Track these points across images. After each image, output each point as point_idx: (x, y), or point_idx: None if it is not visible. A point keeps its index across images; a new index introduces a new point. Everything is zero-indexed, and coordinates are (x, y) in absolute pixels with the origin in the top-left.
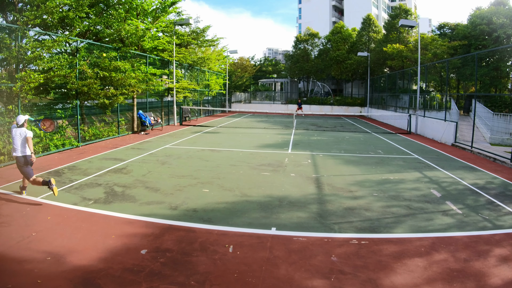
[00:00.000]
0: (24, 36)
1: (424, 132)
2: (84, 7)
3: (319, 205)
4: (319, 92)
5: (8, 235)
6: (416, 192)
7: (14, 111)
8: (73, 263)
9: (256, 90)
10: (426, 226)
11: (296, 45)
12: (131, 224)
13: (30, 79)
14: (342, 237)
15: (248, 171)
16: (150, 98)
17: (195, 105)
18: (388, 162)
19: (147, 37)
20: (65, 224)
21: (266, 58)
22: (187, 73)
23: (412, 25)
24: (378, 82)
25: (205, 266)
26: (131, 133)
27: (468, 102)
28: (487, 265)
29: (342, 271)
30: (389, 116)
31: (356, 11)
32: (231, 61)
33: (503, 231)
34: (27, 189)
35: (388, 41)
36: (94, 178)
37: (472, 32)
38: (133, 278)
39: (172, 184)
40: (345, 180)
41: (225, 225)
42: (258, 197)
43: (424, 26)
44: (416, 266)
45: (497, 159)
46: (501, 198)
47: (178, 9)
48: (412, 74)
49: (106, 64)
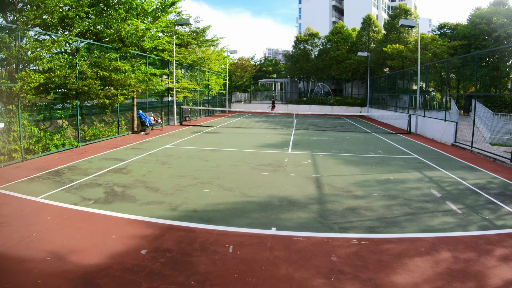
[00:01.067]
0: (24, 36)
1: (424, 132)
2: (84, 7)
3: (319, 205)
4: (319, 92)
5: (8, 235)
6: (416, 192)
7: (14, 111)
8: (73, 263)
9: (256, 90)
10: (426, 226)
11: (296, 45)
12: (131, 224)
13: (30, 79)
14: (342, 237)
15: (248, 171)
16: (150, 98)
17: (195, 105)
18: (388, 162)
19: (147, 37)
20: (65, 224)
21: (266, 58)
22: (187, 73)
23: (412, 25)
24: (378, 82)
25: (205, 266)
26: (131, 133)
27: (468, 102)
28: (487, 265)
29: (342, 271)
30: (389, 116)
31: (356, 11)
32: (231, 61)
33: (503, 231)
34: (26, 188)
35: (388, 41)
36: (94, 178)
37: (472, 32)
38: (133, 278)
39: (172, 184)
40: (345, 180)
41: (225, 225)
42: (258, 197)
43: (424, 26)
44: (416, 266)
45: (497, 159)
46: (501, 198)
47: (178, 9)
48: (412, 74)
49: (106, 64)
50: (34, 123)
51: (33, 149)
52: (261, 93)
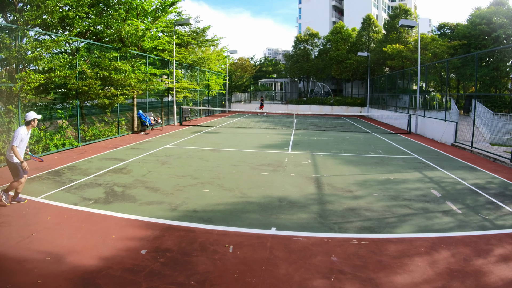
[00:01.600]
0: (24, 36)
1: (424, 132)
2: (84, 7)
3: (319, 205)
4: (319, 92)
5: (8, 235)
6: (416, 192)
7: (14, 111)
8: (73, 263)
9: (256, 90)
10: (426, 226)
11: (296, 45)
12: (131, 224)
13: (30, 79)
14: (342, 237)
15: (248, 171)
16: (150, 98)
17: (195, 105)
18: (388, 162)
19: (147, 37)
20: (65, 224)
21: (266, 58)
22: (187, 73)
23: (412, 25)
24: (378, 82)
25: (205, 266)
26: (131, 133)
27: (468, 102)
28: (487, 265)
29: (342, 271)
30: (389, 116)
31: (356, 11)
32: (231, 61)
33: (503, 231)
34: (26, 188)
35: (388, 41)
36: (94, 178)
37: (472, 32)
38: (133, 278)
39: (172, 184)
40: (345, 180)
41: (225, 225)
42: (258, 197)
43: (424, 26)
44: (416, 266)
45: (497, 159)
46: (501, 198)
47: (178, 9)
48: (412, 74)
49: (106, 64)
50: None
51: (33, 149)
52: (261, 93)
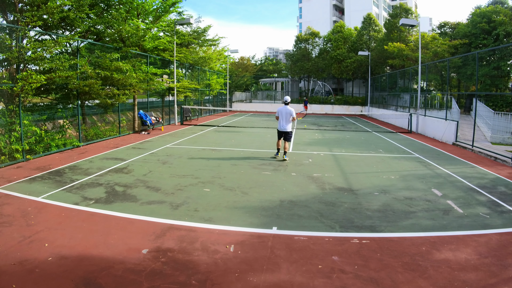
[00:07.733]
0: (25, 36)
1: (425, 131)
2: (85, 7)
3: (320, 204)
4: (320, 91)
5: (9, 234)
6: (417, 191)
7: (16, 111)
8: (74, 263)
9: (257, 89)
10: (427, 225)
11: (296, 44)
12: (132, 224)
13: (31, 80)
14: (343, 236)
15: (249, 171)
16: (151, 98)
17: (196, 104)
18: (389, 161)
19: (148, 37)
20: (66, 224)
21: (267, 57)
22: (188, 72)
23: (412, 24)
24: (379, 81)
25: (206, 265)
26: (132, 132)
27: (469, 101)
28: (488, 264)
29: (343, 270)
30: (390, 115)
31: (357, 10)
32: (232, 61)
33: (504, 230)
34: (27, 188)
35: (388, 40)
36: (95, 178)
37: (472, 30)
38: (134, 277)
39: (173, 183)
40: (346, 179)
41: (226, 224)
42: (259, 197)
43: (424, 25)
44: (417, 265)
45: (498, 158)
46: (502, 197)
47: (179, 8)
48: (413, 73)
49: (107, 64)
50: (35, 123)
51: (34, 149)
52: (262, 93)
